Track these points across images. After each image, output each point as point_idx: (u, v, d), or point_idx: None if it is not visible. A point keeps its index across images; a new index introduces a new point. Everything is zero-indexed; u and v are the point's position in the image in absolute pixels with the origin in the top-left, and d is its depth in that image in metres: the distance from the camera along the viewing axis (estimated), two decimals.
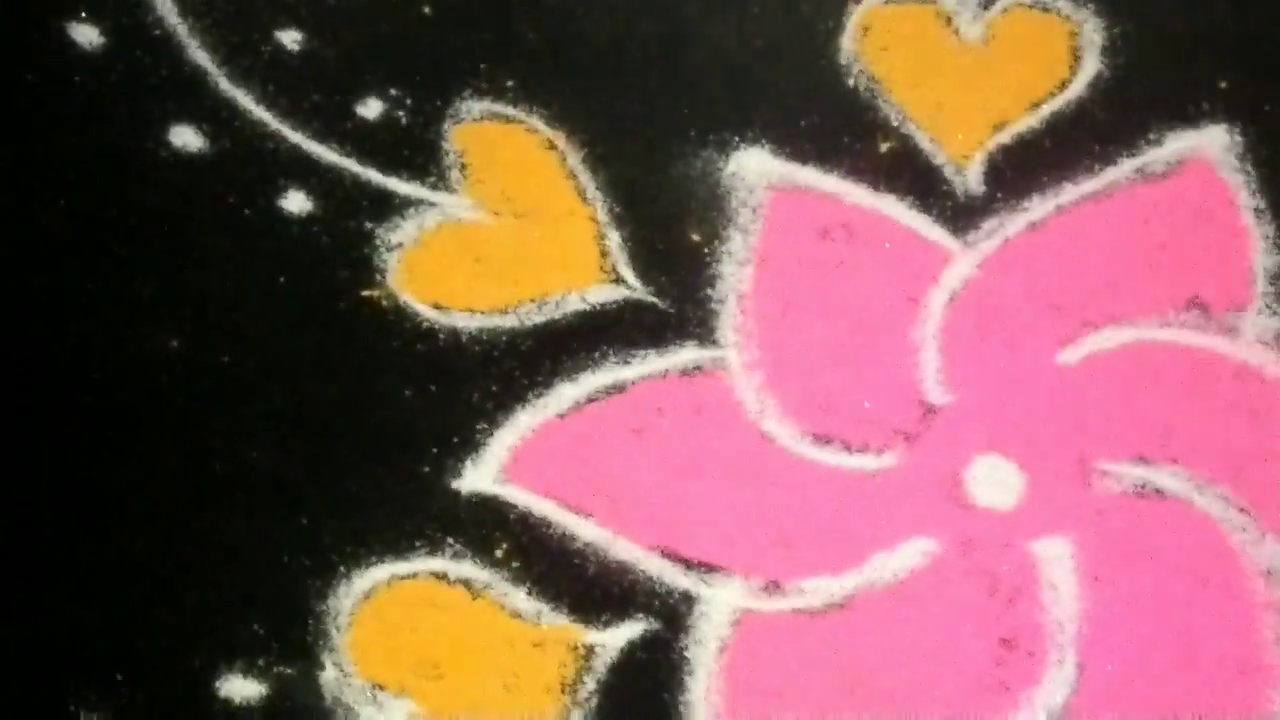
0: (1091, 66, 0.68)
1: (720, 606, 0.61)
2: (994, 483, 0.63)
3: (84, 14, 0.67)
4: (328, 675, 0.59)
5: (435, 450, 0.62)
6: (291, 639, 0.59)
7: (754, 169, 0.67)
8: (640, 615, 0.61)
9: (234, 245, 0.64)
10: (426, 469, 0.62)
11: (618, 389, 0.64)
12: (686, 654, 0.60)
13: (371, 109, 0.66)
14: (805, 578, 0.61)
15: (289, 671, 0.59)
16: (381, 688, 0.59)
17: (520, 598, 0.60)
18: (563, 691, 0.60)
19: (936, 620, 0.61)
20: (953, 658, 0.60)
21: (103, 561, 0.61)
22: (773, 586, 0.61)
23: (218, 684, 0.59)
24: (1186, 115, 0.67)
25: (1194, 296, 0.65)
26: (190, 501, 0.61)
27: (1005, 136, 0.67)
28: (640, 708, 0.60)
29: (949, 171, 0.67)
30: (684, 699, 0.60)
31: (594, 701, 0.59)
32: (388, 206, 0.65)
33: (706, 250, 0.65)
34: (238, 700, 0.59)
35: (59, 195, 0.65)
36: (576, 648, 0.60)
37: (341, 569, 0.60)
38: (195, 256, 0.64)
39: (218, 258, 0.64)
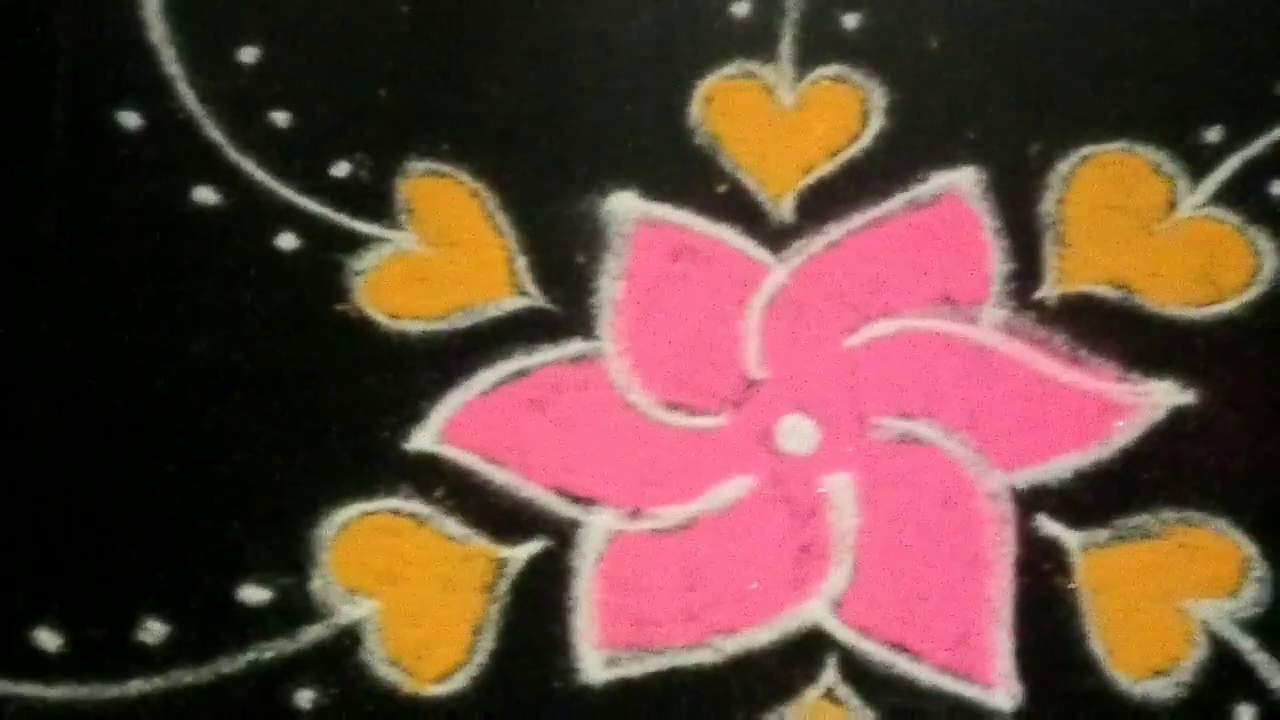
0: (877, 124, 0.77)
1: (598, 529, 0.73)
2: (797, 435, 0.74)
3: (128, 104, 0.77)
4: (316, 584, 0.72)
5: (391, 420, 0.73)
6: (290, 558, 0.72)
7: (624, 207, 0.76)
8: (540, 536, 0.72)
9: (242, 274, 0.75)
10: (385, 434, 0.73)
11: (524, 373, 0.74)
12: (573, 564, 0.72)
13: (341, 169, 0.76)
14: (660, 506, 0.73)
15: (288, 581, 0.71)
16: (355, 592, 0.72)
17: (453, 525, 0.72)
18: (485, 591, 0.72)
19: (754, 534, 0.72)
20: (765, 560, 0.72)
21: (162, 511, 0.72)
22: (636, 513, 0.73)
23: (238, 591, 0.71)
24: (945, 159, 0.76)
25: (946, 295, 0.75)
26: (213, 461, 0.73)
27: (811, 179, 0.76)
28: (540, 602, 0.72)
29: (769, 206, 0.76)
30: (572, 595, 0.72)
31: (508, 598, 0.71)
32: (354, 242, 0.75)
33: (589, 269, 0.75)
34: (253, 602, 0.71)
35: (110, 242, 0.75)
36: (495, 560, 0.72)
37: (324, 508, 0.72)
38: (214, 284, 0.75)
39: (230, 284, 0.75)
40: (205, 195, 0.76)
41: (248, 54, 0.78)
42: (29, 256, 0.75)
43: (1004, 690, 0.71)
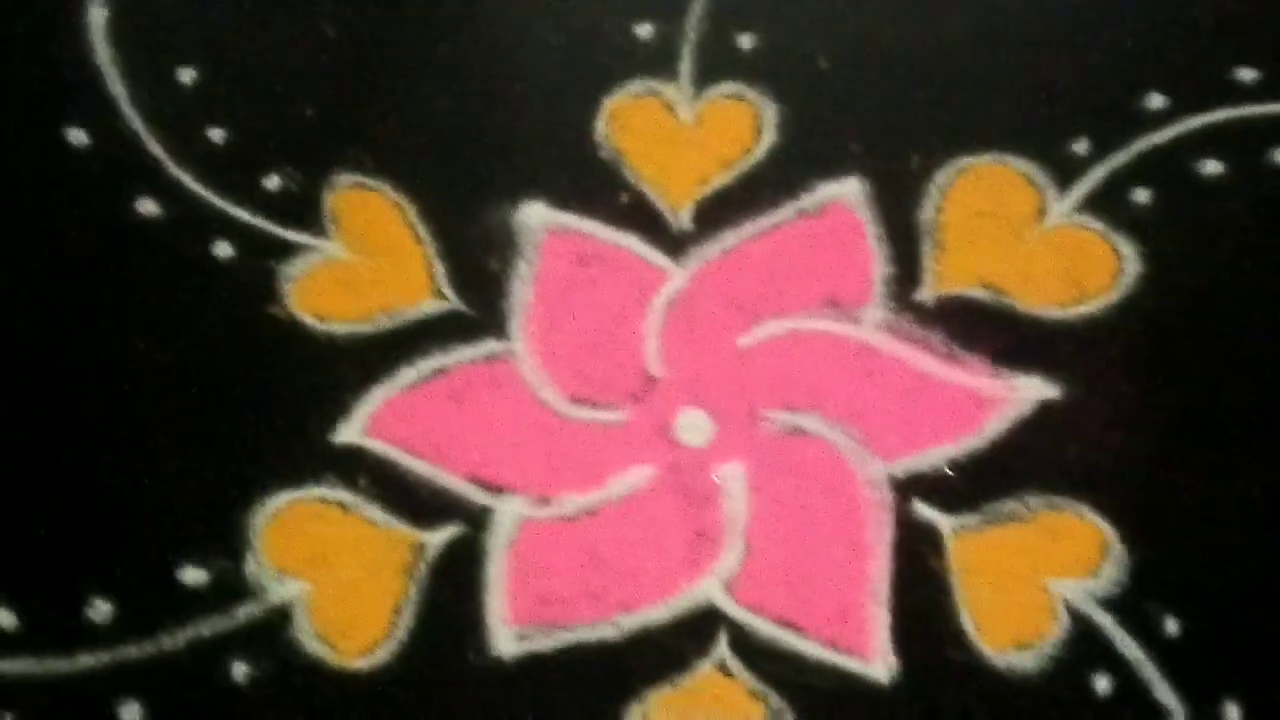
0: (769, 138, 0.80)
1: (509, 515, 0.75)
2: (693, 428, 0.77)
3: (76, 122, 0.80)
4: (250, 565, 0.74)
5: (319, 415, 0.76)
6: (226, 543, 0.74)
7: (535, 217, 0.79)
8: (456, 522, 0.75)
9: (181, 279, 0.78)
10: (313, 428, 0.76)
11: (442, 371, 0.77)
12: (486, 547, 0.75)
13: (273, 182, 0.79)
14: (566, 494, 0.76)
15: (224, 564, 0.74)
16: (285, 573, 0.74)
17: (376, 512, 0.75)
18: (405, 573, 0.74)
19: (653, 520, 0.75)
20: (663, 543, 0.75)
21: (108, 500, 0.75)
22: (544, 501, 0.76)
23: (179, 573, 0.74)
24: (832, 170, 0.79)
25: (832, 297, 0.78)
26: (155, 454, 0.75)
27: (708, 190, 0.79)
28: (456, 583, 0.75)
29: (669, 216, 0.79)
30: (485, 576, 0.75)
31: (426, 579, 0.74)
32: (285, 250, 0.78)
33: (502, 275, 0.78)
34: (192, 583, 0.74)
35: (60, 248, 0.78)
36: (414, 544, 0.75)
37: (257, 496, 0.75)
38: (156, 287, 0.78)
39: (171, 288, 0.78)
40: (148, 206, 0.79)
41: (186, 75, 0.81)
42: None
43: (881, 662, 0.74)
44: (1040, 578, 0.75)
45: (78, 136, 0.81)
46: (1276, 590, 0.75)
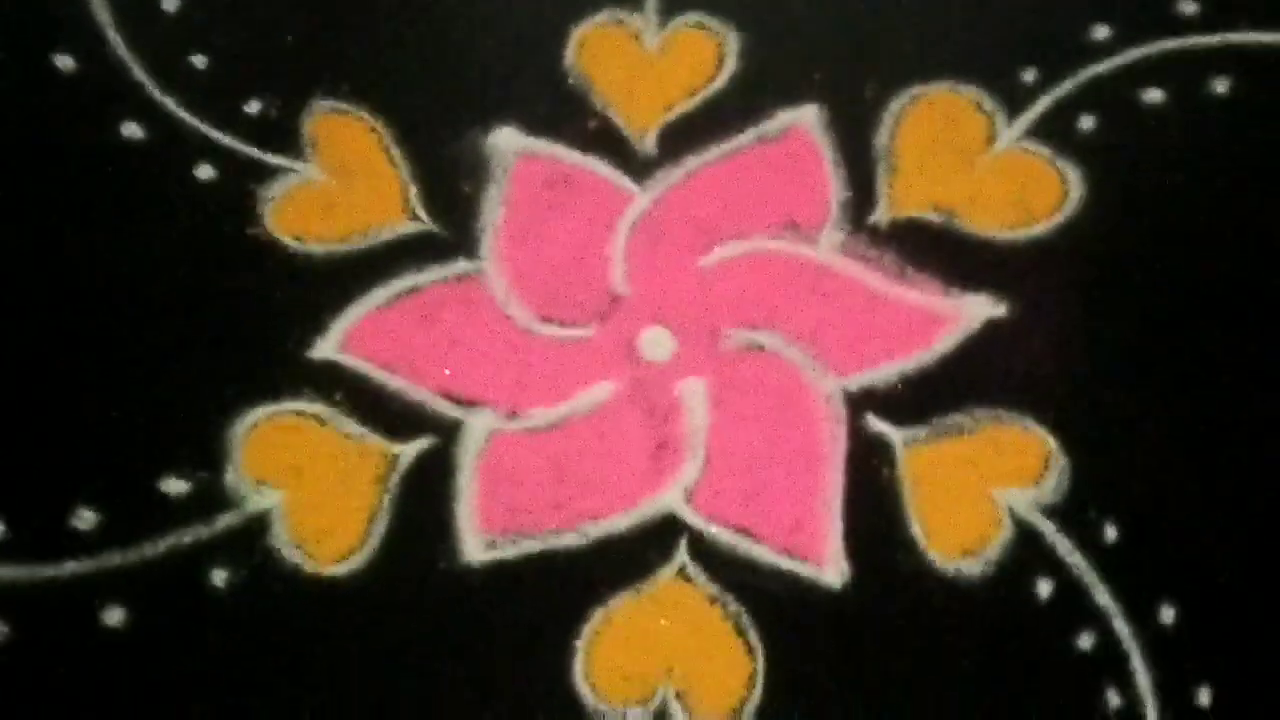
0: (731, 66, 0.71)
1: (479, 428, 0.67)
2: (656, 345, 0.68)
3: (63, 48, 0.70)
4: (229, 476, 0.65)
5: (296, 332, 0.67)
6: (206, 455, 0.66)
7: (505, 142, 0.70)
8: (427, 434, 0.66)
9: (165, 200, 0.69)
10: (290, 344, 0.67)
11: (416, 290, 0.68)
12: (457, 459, 0.66)
13: (253, 107, 0.70)
14: (534, 408, 0.67)
15: (204, 474, 0.65)
16: (263, 483, 0.65)
17: (351, 425, 0.66)
18: (379, 483, 0.66)
19: (617, 432, 0.67)
20: (626, 456, 0.66)
21: (93, 414, 0.66)
22: (513, 414, 0.67)
23: (160, 483, 0.65)
24: (792, 98, 0.70)
25: (790, 219, 0.69)
26: (138, 369, 0.66)
27: (672, 116, 0.71)
28: (427, 493, 0.66)
29: (635, 140, 0.70)
30: (456, 487, 0.66)
31: (399, 489, 0.66)
32: (265, 173, 0.69)
33: (473, 197, 0.70)
34: (173, 493, 0.65)
35: (49, 170, 0.69)
36: (387, 456, 0.66)
37: (236, 409, 0.66)
38: (140, 209, 0.68)
39: (155, 209, 0.69)
40: (133, 130, 0.70)
41: (169, 2, 0.72)
42: None
43: (834, 568, 0.65)
44: (986, 487, 0.67)
45: (65, 62, 0.71)
46: (1210, 497, 0.66)
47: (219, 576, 0.64)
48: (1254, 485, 0.66)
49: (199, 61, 0.71)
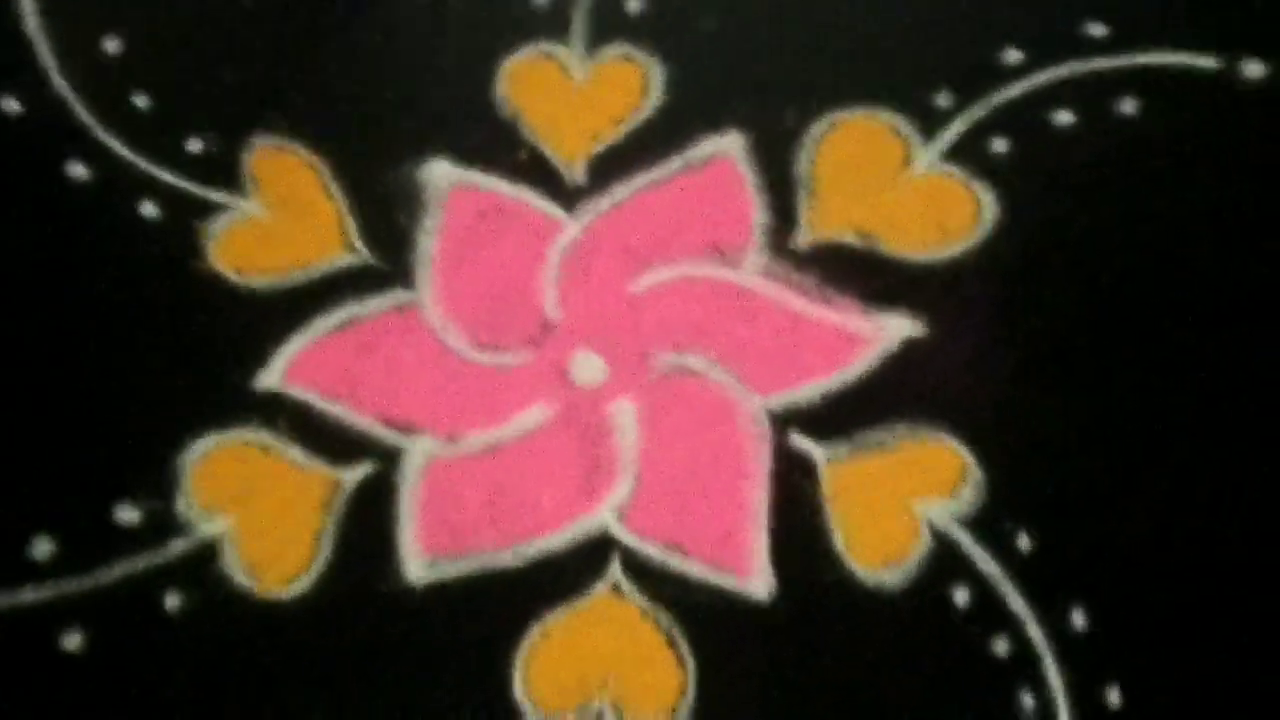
0: (656, 97, 0.73)
1: (418, 453, 0.69)
2: (587, 368, 0.70)
3: (8, 91, 0.72)
4: (179, 504, 0.68)
5: (240, 364, 0.69)
6: (157, 484, 0.68)
7: (439, 174, 0.72)
8: (369, 460, 0.69)
9: (110, 237, 0.71)
10: (236, 375, 0.69)
11: (355, 320, 0.70)
12: (397, 483, 0.68)
13: (195, 145, 0.72)
14: (471, 432, 0.69)
15: (156, 503, 0.68)
16: (212, 511, 0.68)
17: (296, 453, 0.69)
18: (323, 508, 0.68)
19: (551, 454, 0.69)
20: (560, 477, 0.69)
21: (47, 447, 0.68)
22: (450, 439, 0.69)
23: (114, 512, 0.67)
24: (716, 126, 0.72)
25: (715, 244, 0.71)
26: (88, 402, 0.69)
27: (600, 146, 0.73)
28: (369, 517, 0.68)
29: (563, 171, 0.72)
30: (397, 510, 0.68)
31: (342, 513, 0.68)
32: (207, 209, 0.71)
33: (409, 229, 0.72)
34: (126, 522, 0.67)
35: None
36: (331, 481, 0.68)
37: (185, 439, 0.68)
38: (86, 245, 0.71)
39: (101, 245, 0.71)
40: (78, 170, 0.72)
41: (111, 44, 0.74)
42: None
43: (761, 581, 0.68)
44: (905, 500, 0.69)
45: (9, 105, 0.73)
46: (1116, 507, 0.69)
47: (172, 601, 0.66)
48: (1160, 494, 0.68)
49: (141, 101, 0.72)
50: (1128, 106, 0.72)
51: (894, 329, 0.70)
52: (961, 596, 0.67)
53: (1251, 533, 0.68)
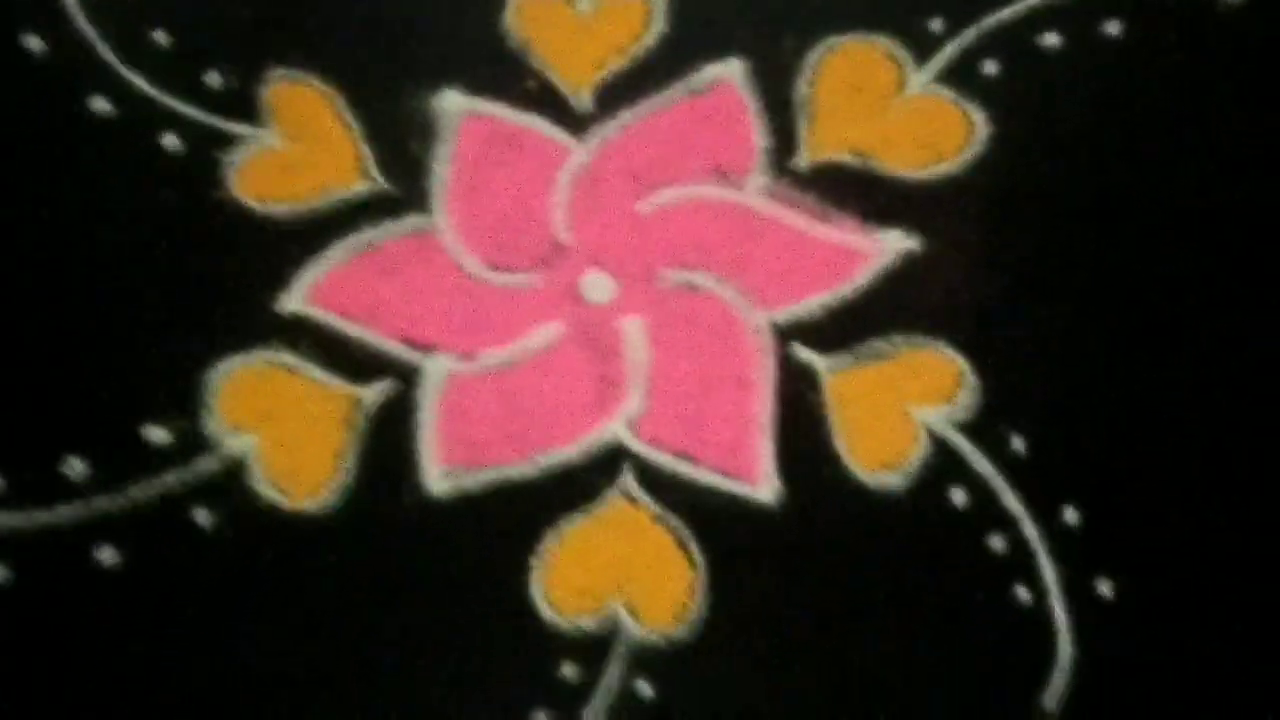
0: (658, 26, 0.76)
1: (437, 370, 0.72)
2: (597, 287, 0.73)
3: (32, 30, 0.75)
4: (207, 423, 0.71)
5: (264, 287, 0.72)
6: (184, 404, 0.71)
7: (450, 103, 0.75)
8: (389, 378, 0.72)
9: (135, 169, 0.73)
10: (260, 299, 0.72)
11: (373, 245, 0.73)
12: (417, 399, 0.72)
13: (214, 79, 0.74)
14: (487, 350, 0.72)
15: (184, 422, 0.71)
16: (238, 429, 0.71)
17: (317, 372, 0.72)
18: (345, 424, 0.71)
19: (565, 369, 0.72)
20: (574, 390, 0.72)
21: (77, 369, 0.71)
22: (467, 357, 0.72)
23: (144, 431, 0.70)
24: (716, 54, 0.75)
25: (718, 166, 0.74)
26: (118, 326, 0.71)
27: (605, 73, 0.75)
28: (391, 432, 0.71)
29: (571, 98, 0.75)
30: (417, 425, 0.71)
31: (364, 429, 0.71)
32: (227, 140, 0.74)
33: (423, 156, 0.74)
34: (156, 441, 0.70)
35: (23, 146, 0.73)
36: (352, 399, 0.71)
37: (211, 360, 0.71)
38: (112, 178, 0.73)
39: (126, 178, 0.73)
40: (101, 105, 0.74)
41: None
42: None
43: (767, 486, 0.71)
44: (904, 406, 0.73)
45: (33, 43, 0.75)
46: (1105, 409, 0.73)
47: (203, 516, 0.70)
48: (1145, 397, 0.72)
49: (161, 38, 0.75)
50: (1112, 28, 0.75)
51: (891, 244, 0.73)
52: (959, 497, 0.71)
53: (1233, 430, 0.72)
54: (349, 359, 0.72)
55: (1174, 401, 0.72)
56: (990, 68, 0.75)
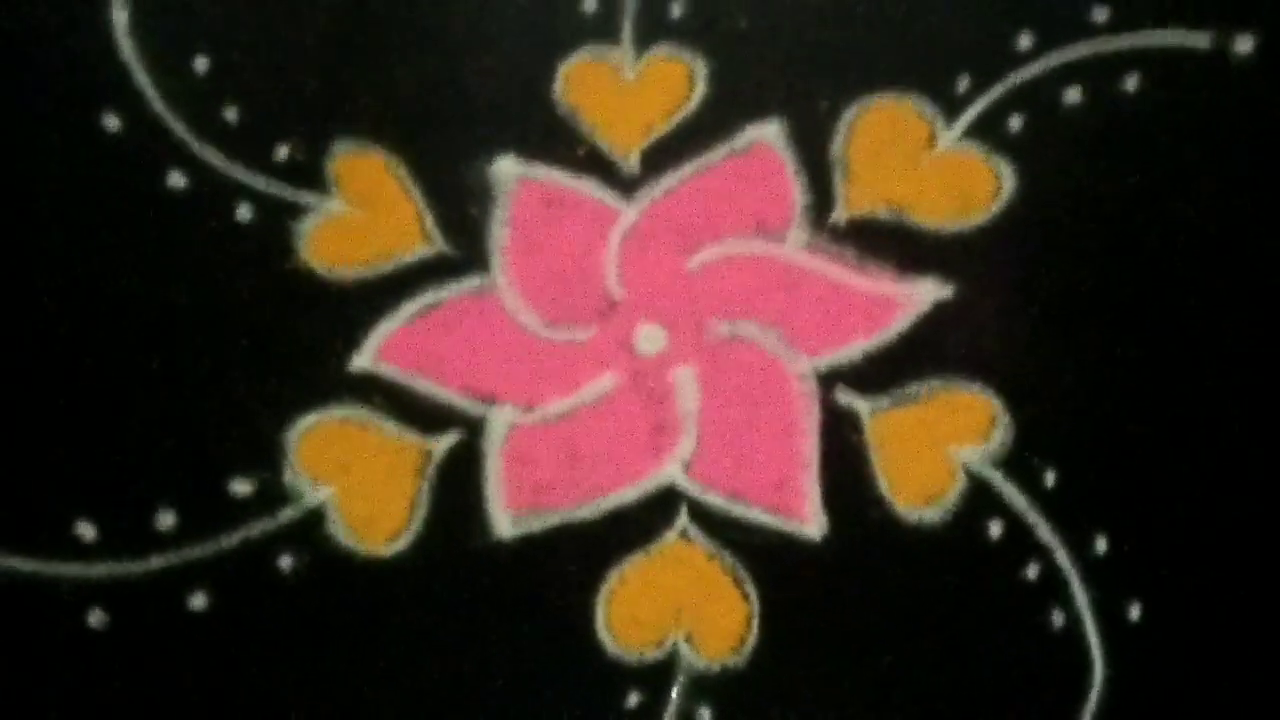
0: (701, 91, 0.79)
1: (500, 421, 0.78)
2: (650, 339, 0.78)
3: (109, 110, 0.78)
4: (288, 475, 0.77)
5: (336, 348, 0.77)
6: (267, 458, 0.77)
7: (506, 169, 0.79)
8: (456, 429, 0.78)
9: (210, 241, 0.78)
10: (332, 359, 0.77)
11: (437, 305, 0.78)
12: (483, 448, 0.77)
13: (282, 152, 0.78)
14: (547, 401, 0.78)
15: (266, 475, 0.77)
16: (317, 480, 0.77)
17: (389, 425, 0.77)
18: (417, 474, 0.77)
19: (621, 417, 0.78)
20: (630, 437, 0.78)
21: (166, 426, 0.76)
22: (529, 408, 0.78)
23: (230, 484, 0.77)
24: (756, 115, 0.79)
25: (759, 223, 0.79)
26: (203, 387, 0.77)
27: (651, 138, 0.79)
28: (459, 480, 0.77)
29: (620, 161, 0.79)
30: (484, 473, 0.77)
31: (434, 478, 0.77)
32: (296, 210, 0.78)
33: (481, 220, 0.79)
34: (240, 493, 0.76)
35: (103, 223, 0.78)
36: (422, 450, 0.77)
37: (290, 417, 0.77)
38: (189, 250, 0.77)
39: (202, 249, 0.78)
40: (176, 180, 0.79)
41: (200, 63, 0.80)
42: (31, 239, 0.78)
43: (814, 523, 0.77)
44: (942, 446, 0.78)
45: (111, 122, 0.80)
46: (1132, 444, 0.79)
47: (285, 562, 0.76)
48: (1171, 431, 0.78)
49: (231, 114, 0.79)
50: (1129, 84, 0.79)
51: (925, 293, 0.78)
52: (995, 529, 0.77)
53: (1257, 463, 0.78)
54: (418, 412, 0.78)
55: (1196, 435, 0.78)
56: (1015, 123, 0.79)
